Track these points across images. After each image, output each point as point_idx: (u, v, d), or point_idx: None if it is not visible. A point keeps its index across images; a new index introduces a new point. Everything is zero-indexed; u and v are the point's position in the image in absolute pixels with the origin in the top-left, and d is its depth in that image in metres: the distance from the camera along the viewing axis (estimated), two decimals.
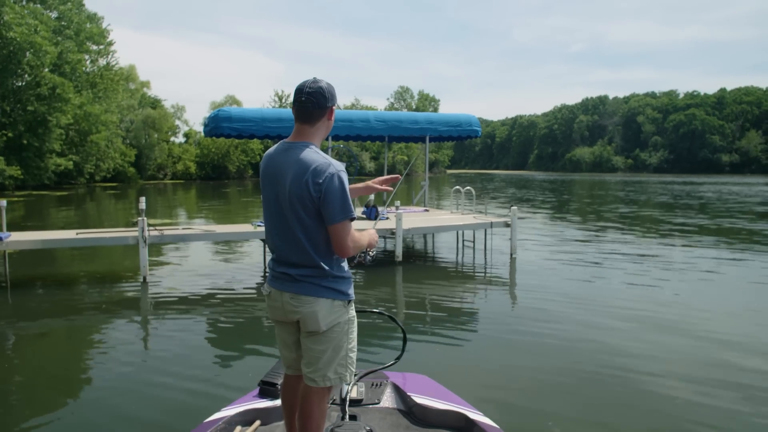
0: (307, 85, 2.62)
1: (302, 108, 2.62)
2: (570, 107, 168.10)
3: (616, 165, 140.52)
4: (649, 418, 4.80)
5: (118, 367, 6.11)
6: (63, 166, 47.78)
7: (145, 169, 65.33)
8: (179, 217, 24.30)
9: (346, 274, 2.67)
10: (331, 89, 2.65)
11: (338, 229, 2.52)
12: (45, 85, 43.61)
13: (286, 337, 2.76)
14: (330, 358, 2.62)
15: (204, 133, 15.38)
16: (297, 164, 2.54)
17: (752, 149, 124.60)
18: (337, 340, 2.62)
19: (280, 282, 2.64)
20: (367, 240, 2.75)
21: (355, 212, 2.57)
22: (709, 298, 9.25)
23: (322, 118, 2.66)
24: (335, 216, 2.50)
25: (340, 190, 2.49)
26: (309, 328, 2.59)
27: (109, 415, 4.92)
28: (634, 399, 5.20)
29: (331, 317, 2.59)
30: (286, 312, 2.63)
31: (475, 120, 16.76)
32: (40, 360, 6.56)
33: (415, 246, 15.25)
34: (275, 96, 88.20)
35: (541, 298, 9.15)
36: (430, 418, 3.24)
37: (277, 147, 2.70)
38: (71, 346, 7.12)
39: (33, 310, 8.68)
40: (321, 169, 2.50)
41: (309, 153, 2.57)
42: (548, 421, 4.74)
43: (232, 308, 8.75)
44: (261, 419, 3.19)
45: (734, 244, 15.69)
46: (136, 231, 10.25)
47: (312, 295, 2.56)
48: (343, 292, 2.63)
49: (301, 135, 2.66)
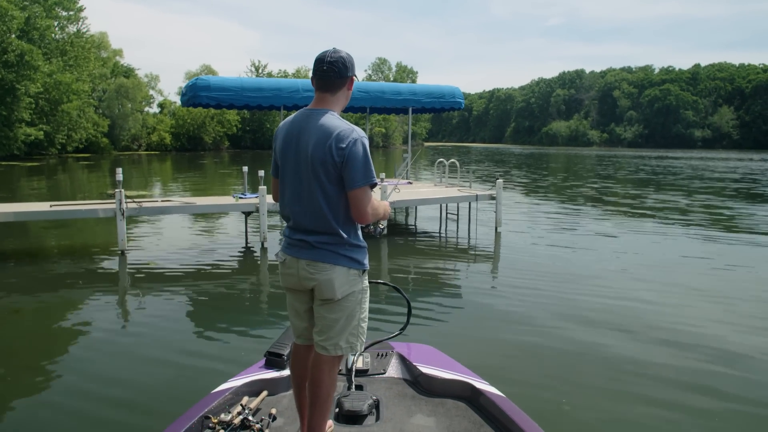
0: (328, 55, 2.61)
1: (324, 76, 2.60)
2: (547, 81, 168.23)
3: (592, 139, 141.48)
4: (649, 385, 4.80)
5: (107, 344, 5.92)
6: (33, 136, 46.63)
7: (118, 139, 63.91)
8: (156, 189, 23.80)
9: (362, 243, 2.67)
10: (351, 59, 2.65)
11: (359, 194, 2.51)
12: (12, 52, 42.26)
13: (298, 306, 2.73)
14: (342, 326, 2.62)
15: (181, 102, 14.96)
16: (319, 130, 2.53)
17: (724, 125, 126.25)
18: (351, 309, 2.62)
19: (296, 249, 2.62)
20: (383, 210, 2.75)
21: (376, 179, 2.55)
22: (692, 266, 9.34)
23: (343, 88, 2.66)
24: (357, 181, 2.49)
25: (362, 156, 2.49)
26: (324, 295, 2.58)
27: (110, 390, 4.77)
28: (635, 368, 5.24)
29: (346, 286, 2.58)
30: (301, 279, 2.61)
31: (459, 91, 16.54)
32: (16, 339, 6.28)
33: (397, 218, 15.07)
34: (251, 66, 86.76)
35: (532, 270, 9.15)
36: (435, 388, 3.26)
37: (297, 114, 2.68)
38: (49, 323, 6.81)
39: (4, 286, 8.31)
40: (344, 135, 2.49)
41: (331, 119, 2.56)
42: (551, 389, 4.80)
43: (215, 281, 8.54)
44: (268, 390, 3.20)
45: (709, 220, 15.80)
46: (113, 203, 9.91)
47: (329, 262, 2.55)
48: (359, 261, 2.62)
49: (322, 103, 2.64)
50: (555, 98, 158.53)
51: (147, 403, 4.56)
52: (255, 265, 10.07)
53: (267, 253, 10.53)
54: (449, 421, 2.97)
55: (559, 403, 4.56)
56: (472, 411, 3.06)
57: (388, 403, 3.14)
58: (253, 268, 9.95)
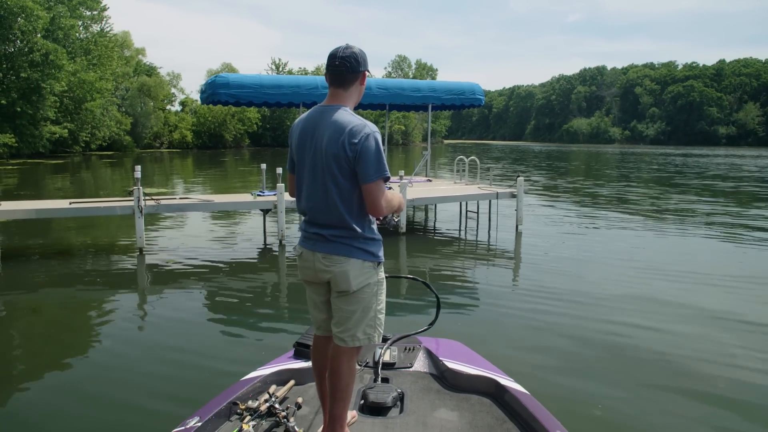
0: (340, 51, 2.66)
1: (336, 72, 2.65)
2: (568, 78, 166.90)
3: (613, 136, 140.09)
4: (679, 386, 4.64)
5: (129, 336, 5.97)
6: (58, 134, 47.24)
7: (141, 137, 64.58)
8: (176, 187, 23.94)
9: (376, 236, 2.73)
10: (363, 54, 2.71)
11: (372, 188, 2.56)
12: (38, 51, 42.87)
13: (315, 298, 2.81)
14: (359, 318, 2.67)
15: (201, 100, 14.99)
16: (333, 125, 2.58)
17: (749, 122, 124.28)
18: (367, 300, 2.67)
19: (312, 242, 2.69)
20: (397, 202, 2.81)
21: (389, 173, 2.61)
22: (730, 264, 9.08)
23: (355, 83, 2.71)
24: (370, 175, 2.54)
25: (375, 150, 2.54)
26: (340, 287, 2.64)
27: (140, 379, 4.88)
28: (662, 371, 5.07)
29: (361, 278, 2.64)
30: (317, 272, 2.67)
31: (479, 88, 16.35)
32: (37, 335, 6.30)
33: (416, 217, 14.97)
34: (272, 64, 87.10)
35: (557, 270, 9.03)
36: (461, 383, 3.29)
37: (312, 111, 2.73)
38: (74, 319, 6.85)
39: (25, 283, 8.36)
40: (357, 130, 2.54)
41: (344, 114, 2.61)
42: (579, 390, 4.71)
43: (234, 277, 8.53)
44: (295, 379, 3.28)
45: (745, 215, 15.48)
46: (132, 201, 9.94)
47: (344, 255, 2.61)
48: (373, 254, 2.68)
49: (336, 99, 2.69)
50: (576, 95, 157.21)
51: (175, 392, 4.64)
52: (274, 262, 10.04)
53: (285, 250, 10.51)
54: (472, 416, 2.98)
55: (585, 403, 4.46)
56: (496, 407, 3.08)
57: (413, 396, 3.17)
58: (273, 264, 9.92)
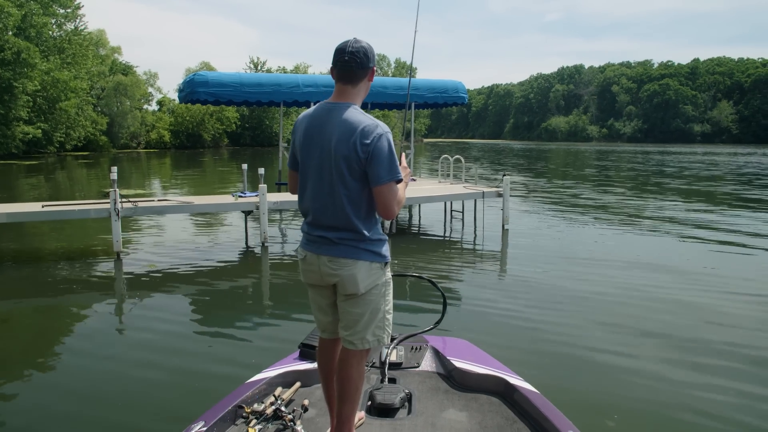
0: (349, 44, 2.53)
1: (345, 67, 2.52)
2: (546, 76, 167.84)
3: (591, 134, 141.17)
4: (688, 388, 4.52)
5: (127, 343, 5.80)
6: (31, 134, 46.26)
7: (117, 137, 63.54)
8: (154, 188, 23.47)
9: (382, 236, 2.64)
10: (372, 49, 2.57)
11: (384, 190, 2.46)
12: (9, 50, 41.90)
13: (320, 301, 2.71)
14: (368, 320, 2.60)
15: (179, 98, 14.61)
16: (343, 125, 2.46)
17: (723, 119, 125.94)
18: (375, 302, 2.60)
19: (316, 245, 2.58)
20: (402, 201, 2.68)
21: (401, 174, 2.51)
22: (726, 264, 9.05)
23: (364, 79, 2.58)
24: (382, 177, 2.44)
25: (387, 151, 2.44)
26: (347, 291, 2.55)
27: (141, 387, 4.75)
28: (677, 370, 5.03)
29: (369, 280, 2.55)
30: (323, 275, 2.58)
31: (462, 86, 16.23)
32: (7, 347, 5.99)
33: (400, 216, 14.75)
34: (250, 63, 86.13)
35: (551, 267, 9.05)
36: (469, 382, 3.24)
37: (318, 107, 2.60)
38: (49, 329, 6.52)
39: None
40: (369, 130, 2.43)
41: (354, 113, 2.49)
42: (586, 389, 4.67)
43: (215, 282, 8.27)
44: (301, 381, 3.23)
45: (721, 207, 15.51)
46: (108, 203, 9.60)
47: (351, 257, 2.52)
48: (380, 254, 2.59)
49: (343, 95, 2.56)
50: (554, 94, 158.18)
51: (178, 397, 4.57)
52: (258, 264, 9.77)
53: (268, 252, 10.24)
54: (482, 416, 2.92)
55: (598, 403, 4.42)
56: (505, 407, 3.02)
57: (421, 396, 3.11)
58: (257, 266, 9.66)
